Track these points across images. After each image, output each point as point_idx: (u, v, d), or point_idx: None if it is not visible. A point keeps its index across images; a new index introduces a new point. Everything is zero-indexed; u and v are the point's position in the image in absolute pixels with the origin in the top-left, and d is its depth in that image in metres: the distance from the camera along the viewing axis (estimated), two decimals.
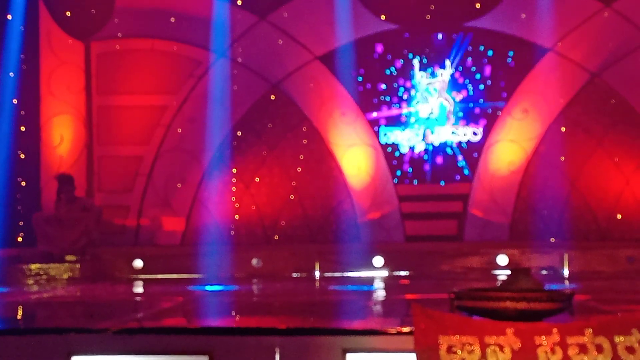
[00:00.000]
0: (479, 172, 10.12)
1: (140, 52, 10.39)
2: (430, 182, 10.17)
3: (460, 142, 10.16)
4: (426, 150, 10.18)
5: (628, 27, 9.93)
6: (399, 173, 10.19)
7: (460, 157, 10.16)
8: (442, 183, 10.15)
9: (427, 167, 10.18)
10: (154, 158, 10.27)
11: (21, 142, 9.98)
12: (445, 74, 10.18)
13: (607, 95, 10.00)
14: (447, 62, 10.17)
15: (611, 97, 9.99)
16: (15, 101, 9.86)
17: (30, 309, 6.49)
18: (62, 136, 10.22)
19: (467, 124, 10.16)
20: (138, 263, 9.43)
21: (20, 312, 6.29)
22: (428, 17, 10.16)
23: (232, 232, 10.09)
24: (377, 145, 10.20)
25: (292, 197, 10.24)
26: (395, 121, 10.22)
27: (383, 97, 10.24)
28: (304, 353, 4.29)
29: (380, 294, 7.88)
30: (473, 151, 10.14)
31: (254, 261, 9.36)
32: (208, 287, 8.25)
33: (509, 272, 6.39)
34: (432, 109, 10.19)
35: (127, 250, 9.74)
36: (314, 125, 10.26)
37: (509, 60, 10.10)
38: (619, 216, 9.90)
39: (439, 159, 10.18)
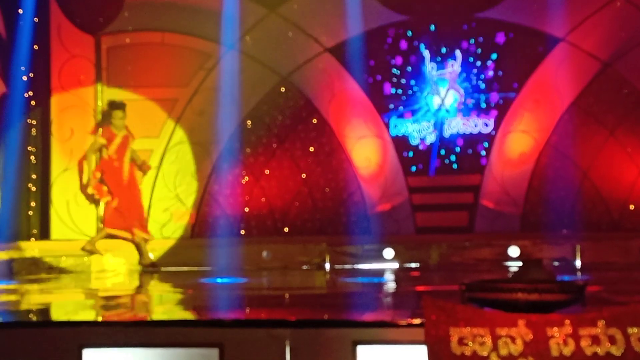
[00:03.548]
0: (490, 163, 10.07)
1: (150, 46, 10.37)
2: (441, 174, 10.12)
3: (471, 133, 10.10)
4: (437, 142, 10.13)
5: None
6: (409, 164, 10.15)
7: (471, 149, 10.11)
8: (453, 174, 10.10)
9: (437, 158, 10.13)
10: (163, 151, 10.27)
11: (32, 136, 10.02)
12: (456, 64, 10.12)
13: (620, 85, 9.92)
14: (458, 53, 10.11)
15: (624, 87, 9.91)
16: (26, 94, 9.89)
17: None
18: (72, 129, 10.23)
19: (478, 115, 10.11)
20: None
21: None
22: (438, 8, 10.11)
23: (242, 225, 10.09)
24: (388, 137, 10.15)
25: (302, 189, 10.22)
26: (406, 112, 10.18)
27: (393, 88, 10.19)
28: (315, 345, 4.29)
29: (390, 285, 7.89)
30: (484, 142, 10.09)
31: (264, 253, 9.37)
32: (218, 280, 8.28)
33: (520, 263, 6.37)
34: (442, 100, 10.14)
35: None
36: (324, 118, 10.24)
37: (520, 50, 10.03)
38: (632, 207, 9.82)
39: (450, 150, 10.13)
